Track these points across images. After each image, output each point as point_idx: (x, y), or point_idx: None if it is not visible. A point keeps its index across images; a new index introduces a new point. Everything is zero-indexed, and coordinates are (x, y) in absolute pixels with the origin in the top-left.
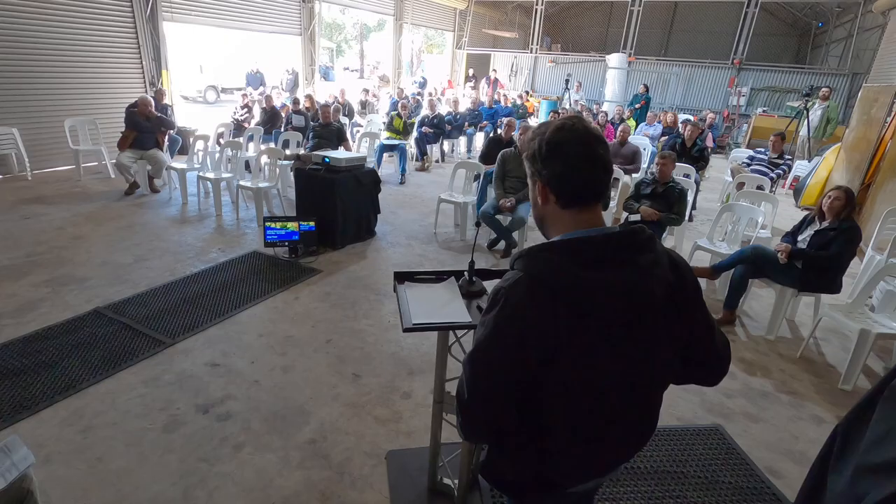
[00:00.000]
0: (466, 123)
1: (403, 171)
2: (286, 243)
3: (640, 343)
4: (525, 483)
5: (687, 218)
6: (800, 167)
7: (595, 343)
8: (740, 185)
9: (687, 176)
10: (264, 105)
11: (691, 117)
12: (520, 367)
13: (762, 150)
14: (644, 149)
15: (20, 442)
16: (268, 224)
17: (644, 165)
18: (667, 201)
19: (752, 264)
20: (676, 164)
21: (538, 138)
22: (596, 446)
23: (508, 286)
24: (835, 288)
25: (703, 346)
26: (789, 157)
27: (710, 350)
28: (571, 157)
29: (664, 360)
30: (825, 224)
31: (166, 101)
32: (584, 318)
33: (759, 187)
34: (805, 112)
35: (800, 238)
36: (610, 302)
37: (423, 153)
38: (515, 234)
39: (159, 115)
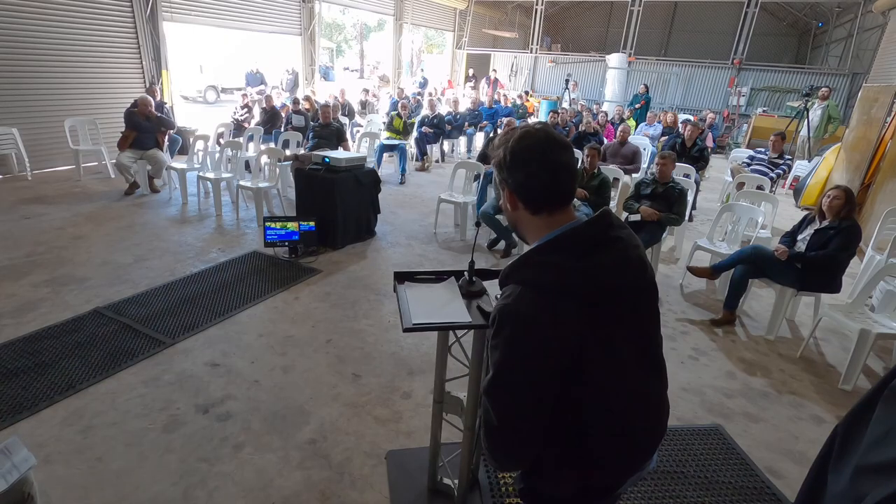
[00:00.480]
0: (466, 123)
1: (403, 171)
2: (286, 243)
3: (646, 311)
4: (573, 497)
5: (687, 218)
6: (800, 167)
7: (613, 325)
8: (740, 185)
9: (687, 176)
10: (264, 105)
11: (691, 117)
12: (548, 379)
13: (762, 150)
14: (644, 149)
15: (20, 444)
16: (268, 224)
17: (644, 165)
18: (667, 201)
19: (752, 264)
20: (676, 164)
21: (502, 147)
22: (634, 433)
23: (513, 302)
24: (834, 287)
25: None
26: (789, 157)
27: None
28: (534, 165)
29: (658, 323)
30: (825, 223)
31: (161, 98)
32: (595, 306)
33: (759, 187)
34: (805, 112)
35: (799, 237)
36: (613, 281)
37: (423, 153)
38: (515, 234)
39: (160, 115)
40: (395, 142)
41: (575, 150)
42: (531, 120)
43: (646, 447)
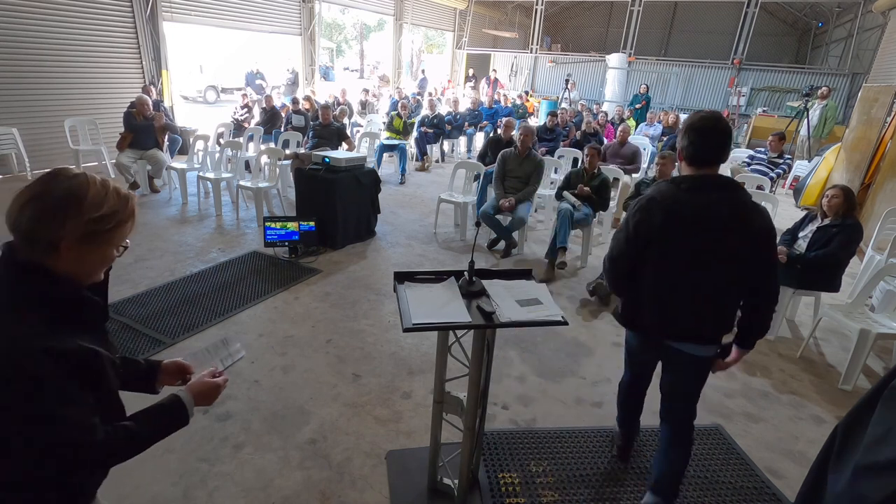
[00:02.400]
0: (466, 123)
1: (403, 171)
2: (286, 243)
3: (706, 240)
4: (630, 319)
5: None
6: (800, 167)
7: (676, 233)
8: None
9: None
10: (264, 105)
11: None
12: (631, 246)
13: (761, 149)
14: (644, 149)
15: (235, 339)
16: (268, 224)
17: (644, 165)
18: None
19: None
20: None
21: (685, 121)
22: (668, 308)
23: (636, 202)
24: (834, 287)
25: (761, 277)
26: (789, 157)
27: (766, 282)
28: (695, 136)
29: (725, 263)
30: (827, 221)
31: (158, 98)
32: (671, 217)
33: (760, 187)
34: (805, 112)
35: (800, 235)
36: (689, 210)
37: (423, 153)
38: (515, 234)
39: (168, 121)
40: (395, 142)
41: (575, 150)
42: (531, 120)
43: (678, 327)
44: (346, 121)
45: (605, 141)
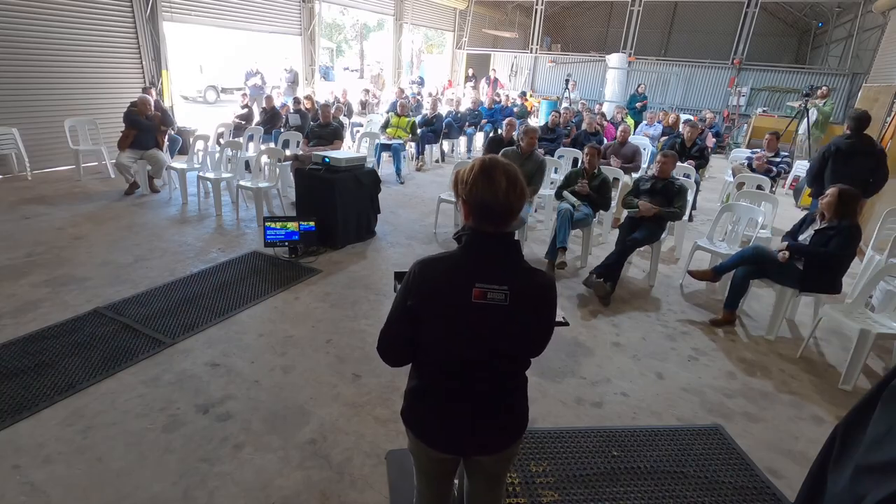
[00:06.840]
0: (467, 123)
1: (398, 171)
2: (286, 243)
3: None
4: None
5: (687, 218)
6: (800, 167)
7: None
8: (740, 185)
9: (687, 176)
10: (264, 105)
11: (692, 118)
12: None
13: (758, 150)
14: (644, 149)
15: None
16: (268, 224)
17: (644, 165)
18: (666, 196)
19: (754, 265)
20: (677, 164)
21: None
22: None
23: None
24: (835, 288)
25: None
26: (786, 155)
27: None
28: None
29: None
30: (825, 224)
31: (158, 98)
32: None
33: (759, 187)
34: (805, 111)
35: (801, 238)
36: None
37: (420, 153)
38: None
39: (162, 112)
40: (391, 141)
41: (575, 149)
42: (531, 120)
43: None
44: (342, 118)
45: (605, 141)
